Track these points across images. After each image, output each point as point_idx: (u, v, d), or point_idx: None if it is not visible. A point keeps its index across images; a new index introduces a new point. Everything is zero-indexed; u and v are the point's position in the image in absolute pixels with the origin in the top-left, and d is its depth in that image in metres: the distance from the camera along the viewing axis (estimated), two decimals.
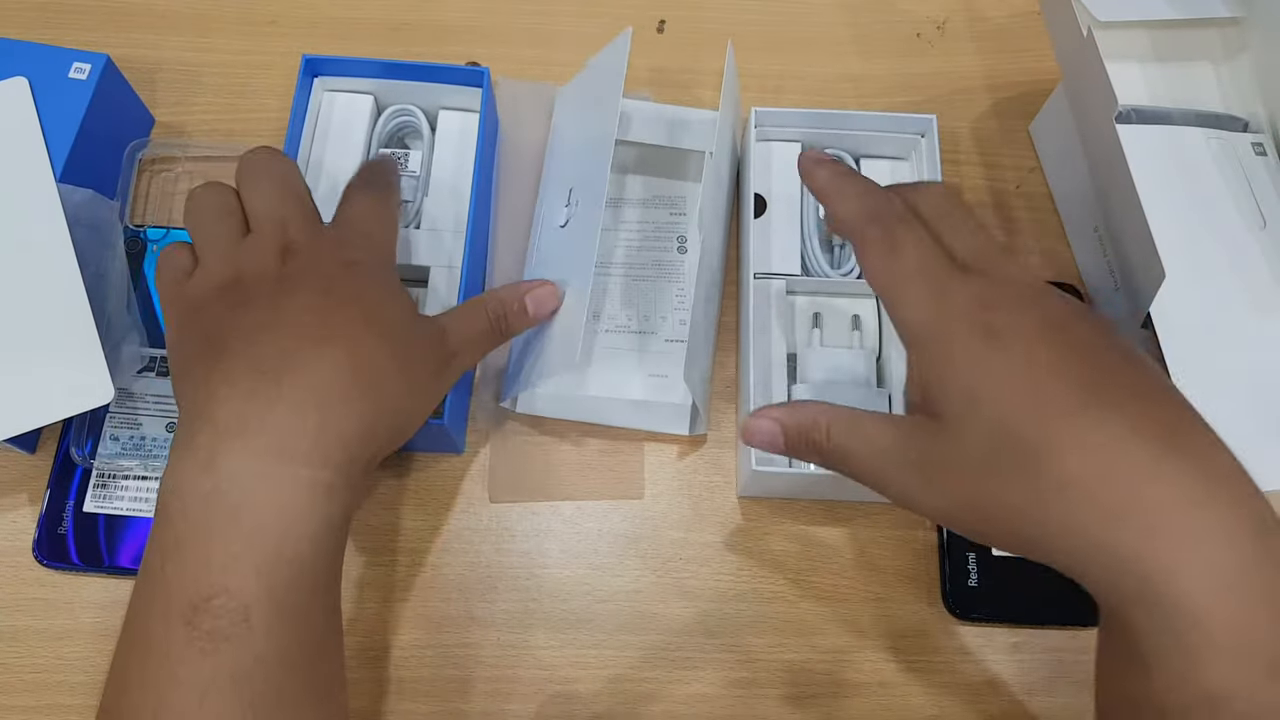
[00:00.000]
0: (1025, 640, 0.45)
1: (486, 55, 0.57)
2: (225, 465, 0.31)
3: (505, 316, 0.41)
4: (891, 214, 0.35)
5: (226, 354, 0.33)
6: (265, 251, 0.36)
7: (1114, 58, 0.45)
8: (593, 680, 0.44)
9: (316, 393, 0.33)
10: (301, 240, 0.37)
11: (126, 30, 0.57)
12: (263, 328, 0.34)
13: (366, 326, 0.35)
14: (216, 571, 0.30)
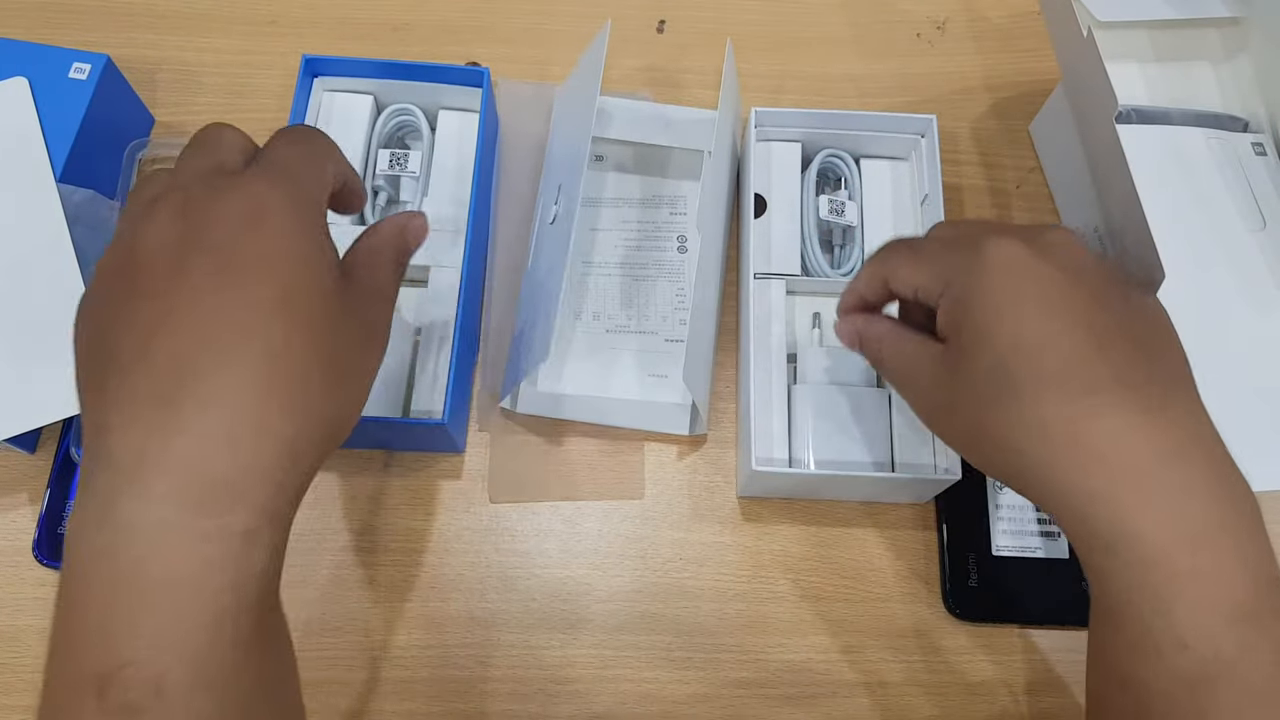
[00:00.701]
0: (1025, 640, 0.45)
1: (486, 55, 0.57)
2: (122, 515, 0.26)
3: (395, 253, 0.35)
4: (903, 238, 0.40)
5: (115, 366, 0.27)
6: (165, 216, 0.29)
7: (1114, 58, 0.45)
8: (593, 680, 0.44)
9: (225, 419, 0.27)
10: (199, 195, 0.29)
11: (126, 30, 0.57)
12: (156, 327, 0.27)
13: (281, 309, 0.28)
14: (121, 640, 0.26)
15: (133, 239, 0.29)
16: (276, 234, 0.29)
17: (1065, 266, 0.33)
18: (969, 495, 0.47)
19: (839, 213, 0.49)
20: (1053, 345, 0.31)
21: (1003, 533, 0.47)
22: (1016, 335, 0.32)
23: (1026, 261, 0.33)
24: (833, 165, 0.51)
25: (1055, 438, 0.31)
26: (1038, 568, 0.46)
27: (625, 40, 0.57)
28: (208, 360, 0.27)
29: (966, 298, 0.34)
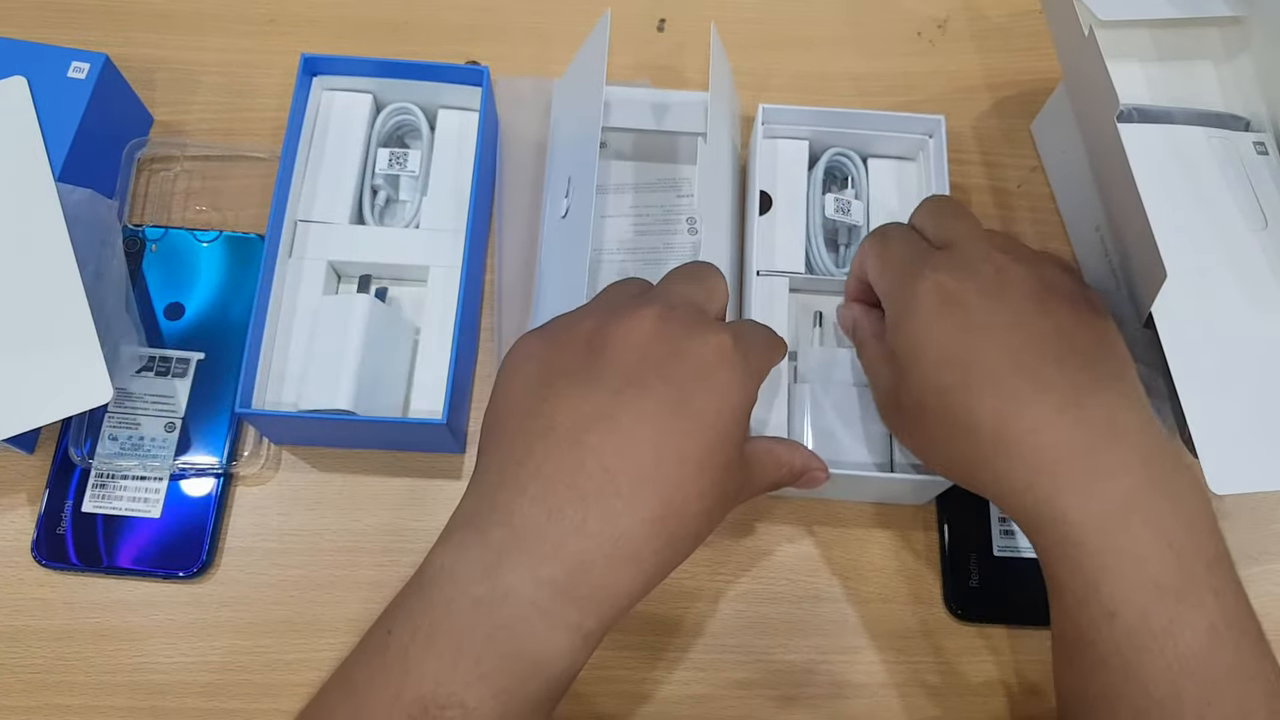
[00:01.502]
0: (1026, 641, 0.45)
1: (486, 54, 0.57)
2: (508, 579, 0.29)
3: (783, 481, 0.38)
4: (886, 226, 0.42)
5: (550, 436, 0.31)
6: (648, 319, 0.33)
7: (1115, 57, 0.45)
8: (592, 681, 0.44)
9: (617, 543, 0.30)
10: (681, 320, 0.33)
11: (125, 29, 0.57)
12: (596, 422, 0.31)
13: (700, 466, 0.32)
14: (460, 681, 0.28)
15: (610, 319, 0.33)
16: (724, 390, 0.33)
17: (987, 291, 0.36)
18: (970, 496, 0.47)
19: (845, 212, 0.49)
20: (975, 360, 0.35)
21: (1004, 533, 0.46)
22: (943, 352, 0.36)
23: (951, 291, 0.36)
24: (840, 164, 0.51)
25: (984, 439, 0.35)
26: (1039, 568, 0.46)
27: (625, 39, 0.57)
28: (623, 480, 0.30)
29: (899, 322, 0.38)
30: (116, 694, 0.43)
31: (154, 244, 0.50)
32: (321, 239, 0.48)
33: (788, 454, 0.37)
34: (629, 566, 0.30)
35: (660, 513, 0.31)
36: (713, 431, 0.32)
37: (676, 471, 0.31)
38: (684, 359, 0.32)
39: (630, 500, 0.30)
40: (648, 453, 0.31)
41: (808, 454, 0.38)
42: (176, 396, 0.47)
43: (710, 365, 0.32)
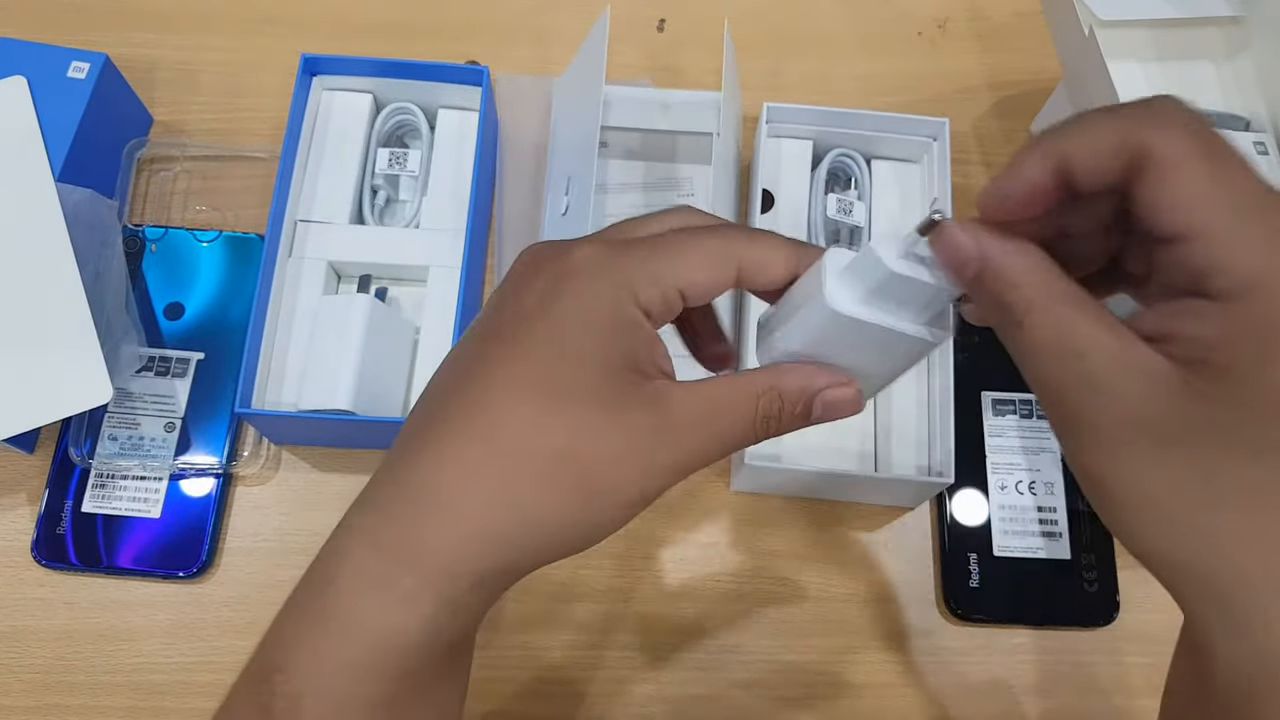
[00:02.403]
0: (1026, 641, 0.45)
1: (485, 54, 0.56)
2: (341, 538, 0.27)
3: (779, 415, 0.28)
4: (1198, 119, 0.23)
5: (424, 395, 0.28)
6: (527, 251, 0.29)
7: (1115, 56, 0.45)
8: (592, 681, 0.44)
9: (421, 489, 0.26)
10: (556, 244, 0.28)
11: (125, 30, 0.56)
12: (447, 364, 0.28)
13: (541, 393, 0.26)
14: (288, 647, 0.26)
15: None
16: (572, 302, 0.26)
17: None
18: (970, 495, 0.47)
19: (847, 212, 0.49)
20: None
21: (1004, 533, 0.46)
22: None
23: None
24: (843, 165, 0.51)
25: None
26: (1039, 568, 0.46)
27: (626, 38, 0.57)
28: (447, 414, 0.27)
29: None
30: (116, 694, 0.43)
31: (154, 244, 0.50)
32: (321, 239, 0.48)
33: (746, 387, 0.27)
34: (436, 515, 0.26)
35: (478, 451, 0.26)
36: (549, 349, 0.26)
37: (503, 398, 0.26)
38: (537, 279, 0.27)
39: (438, 438, 0.26)
40: (475, 386, 0.26)
41: (805, 373, 0.27)
42: (176, 396, 0.47)
43: (558, 279, 0.27)
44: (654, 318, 0.27)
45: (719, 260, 0.27)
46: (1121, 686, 0.45)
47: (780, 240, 0.28)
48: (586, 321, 0.26)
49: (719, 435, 0.28)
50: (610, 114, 0.51)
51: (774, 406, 0.28)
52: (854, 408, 0.28)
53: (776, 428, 0.28)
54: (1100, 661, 0.45)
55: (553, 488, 0.26)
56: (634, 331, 0.26)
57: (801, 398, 0.28)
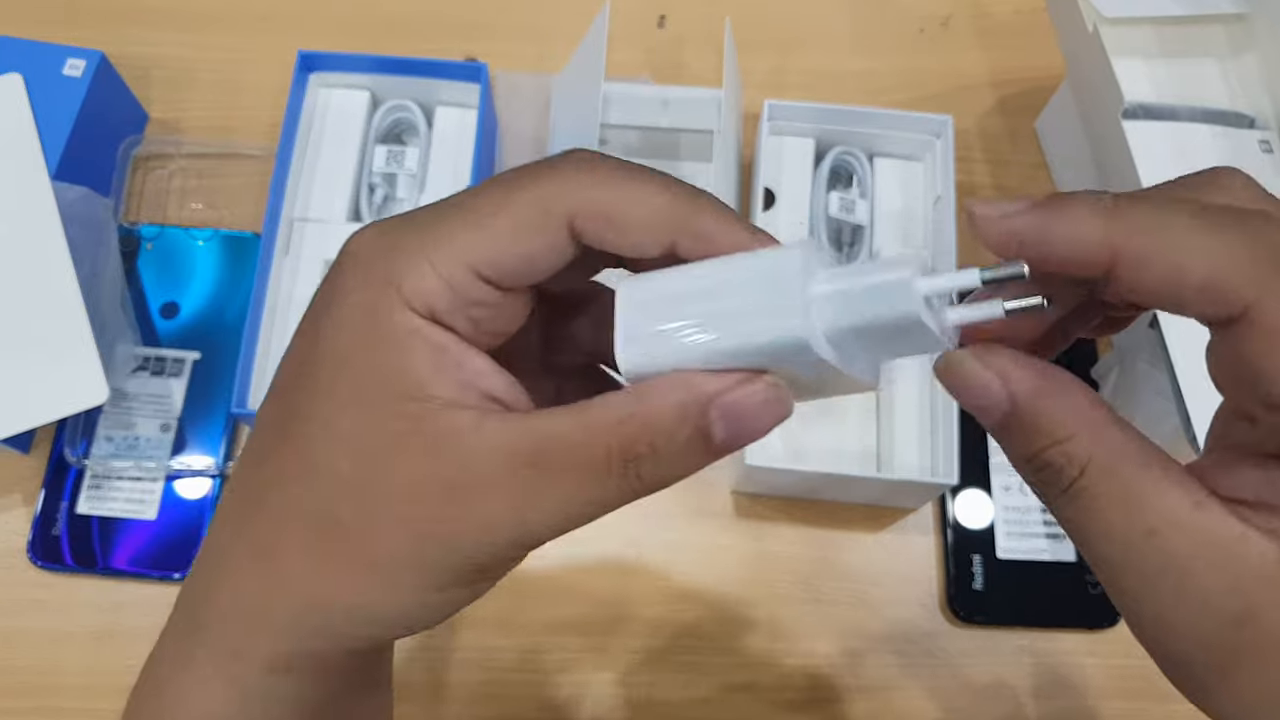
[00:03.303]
0: (1030, 644, 0.45)
1: (484, 50, 0.56)
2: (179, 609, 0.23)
3: (655, 453, 0.19)
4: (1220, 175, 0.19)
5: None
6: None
7: (1120, 54, 0.45)
8: (591, 684, 0.44)
9: (205, 546, 0.22)
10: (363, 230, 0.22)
11: (121, 27, 0.56)
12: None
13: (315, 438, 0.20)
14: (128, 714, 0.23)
15: None
16: (333, 302, 0.20)
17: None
18: (973, 497, 0.47)
19: (849, 211, 0.49)
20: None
21: (1008, 535, 0.46)
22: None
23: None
24: (845, 163, 0.51)
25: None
26: (1043, 570, 0.46)
27: (626, 35, 0.57)
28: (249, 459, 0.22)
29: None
30: (111, 696, 0.43)
31: (149, 242, 0.50)
32: (318, 237, 0.48)
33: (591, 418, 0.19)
34: (217, 588, 0.21)
35: (254, 521, 0.21)
36: (306, 392, 0.20)
37: (254, 431, 0.21)
38: (322, 285, 0.21)
39: (230, 506, 0.22)
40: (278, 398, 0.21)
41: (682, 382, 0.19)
42: (172, 396, 0.47)
43: (330, 283, 0.20)
44: (441, 316, 0.19)
45: (537, 217, 0.19)
46: (1125, 689, 0.44)
47: (650, 185, 0.19)
48: (346, 343, 0.19)
49: (548, 496, 0.19)
50: (610, 111, 0.50)
51: (640, 442, 0.18)
52: (771, 408, 0.19)
53: (654, 472, 0.19)
54: (1104, 664, 0.45)
55: (320, 560, 0.20)
56: (402, 344, 0.19)
57: (684, 418, 0.18)
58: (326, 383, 0.19)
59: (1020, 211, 0.18)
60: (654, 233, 0.19)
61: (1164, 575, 0.18)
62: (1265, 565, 0.17)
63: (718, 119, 0.50)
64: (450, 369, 0.19)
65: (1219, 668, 0.18)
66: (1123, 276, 0.18)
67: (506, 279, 0.19)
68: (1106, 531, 0.18)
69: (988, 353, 0.19)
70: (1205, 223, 0.17)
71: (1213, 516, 0.18)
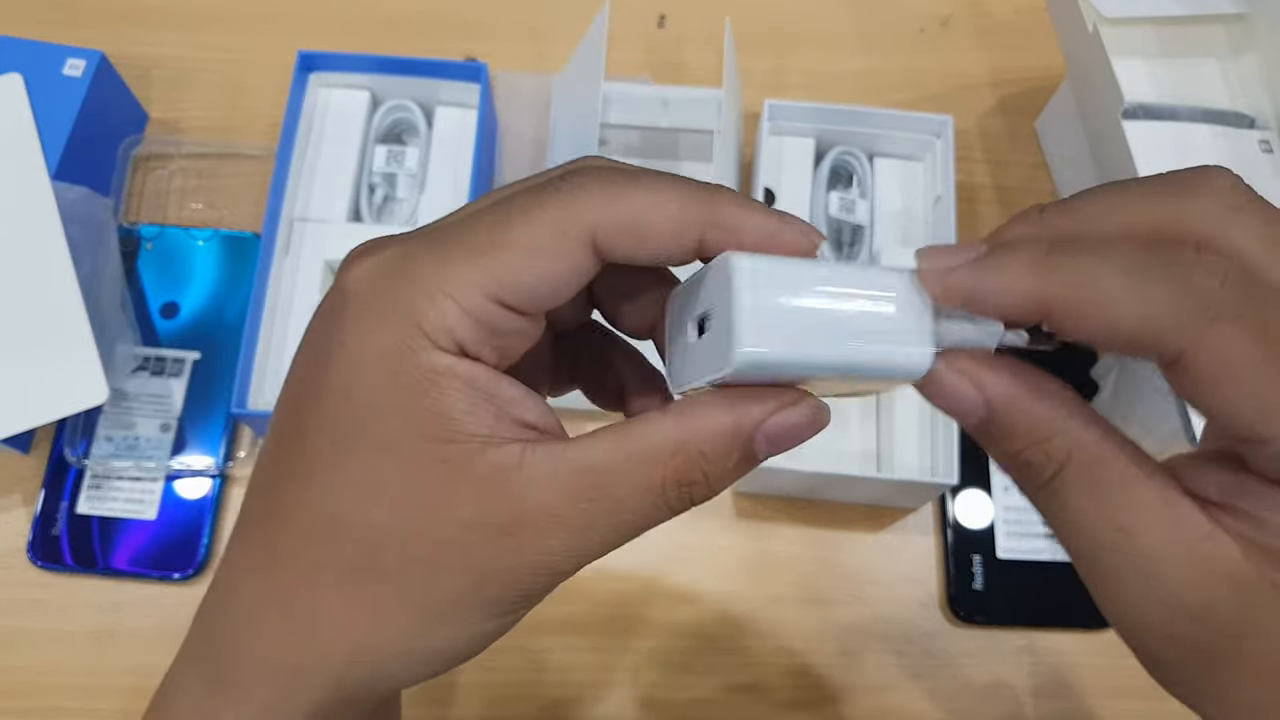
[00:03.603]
0: (1031, 643, 0.45)
1: (484, 50, 0.56)
2: (180, 658, 0.23)
3: (706, 478, 0.20)
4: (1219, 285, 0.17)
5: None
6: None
7: (1120, 54, 0.45)
8: (593, 685, 0.44)
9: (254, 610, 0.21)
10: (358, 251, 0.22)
11: (121, 27, 0.56)
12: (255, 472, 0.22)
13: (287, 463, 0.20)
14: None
15: None
16: (329, 343, 0.19)
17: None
18: (973, 497, 0.47)
19: (849, 211, 0.49)
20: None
21: (1008, 535, 0.46)
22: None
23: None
24: (846, 163, 0.51)
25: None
26: (1043, 571, 0.46)
27: (626, 35, 0.57)
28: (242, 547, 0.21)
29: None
30: (112, 696, 0.43)
31: (149, 242, 0.50)
32: (318, 237, 0.48)
33: (644, 448, 0.19)
34: (242, 644, 0.21)
35: (274, 570, 0.20)
36: (325, 441, 0.19)
37: (258, 478, 0.21)
38: (317, 323, 0.20)
39: (237, 555, 0.21)
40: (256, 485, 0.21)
41: (732, 407, 0.19)
42: (172, 396, 0.47)
43: (331, 320, 0.19)
44: (469, 348, 0.19)
45: (556, 239, 0.18)
46: (1125, 689, 0.44)
47: (666, 189, 0.19)
48: (368, 388, 0.19)
49: (603, 525, 0.19)
50: (610, 111, 0.50)
51: (693, 469, 0.19)
52: (813, 427, 0.20)
53: (705, 492, 0.20)
54: (1104, 664, 0.45)
55: (366, 611, 0.19)
56: (434, 385, 0.18)
57: (734, 445, 0.19)
58: (348, 431, 0.19)
59: (960, 266, 0.19)
60: (679, 237, 0.19)
61: (1135, 571, 0.18)
62: (1229, 564, 0.18)
63: (718, 119, 0.50)
64: (484, 403, 0.19)
65: (1188, 663, 0.19)
66: (1058, 326, 0.18)
67: (530, 304, 0.19)
68: (1082, 526, 0.19)
69: (961, 360, 0.19)
70: (1135, 277, 0.17)
71: (1182, 514, 0.18)
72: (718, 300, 0.18)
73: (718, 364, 0.18)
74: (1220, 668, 0.19)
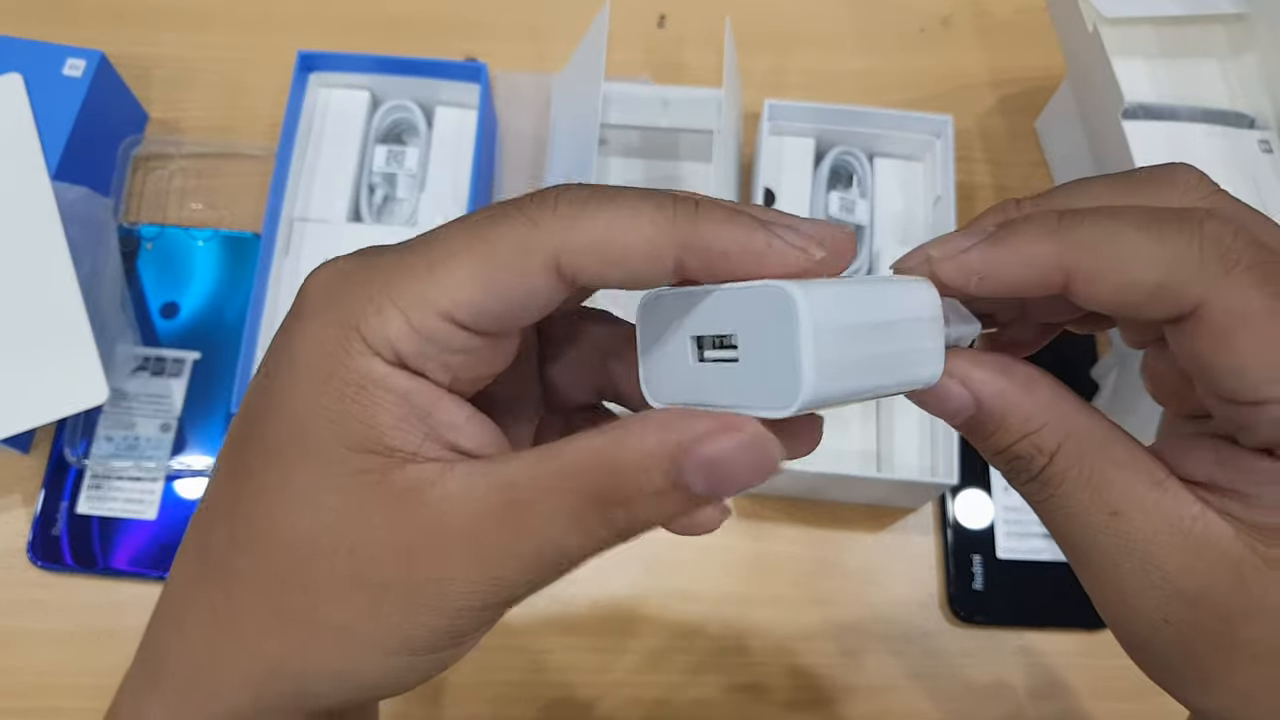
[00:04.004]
0: (1031, 644, 0.45)
1: (484, 50, 0.56)
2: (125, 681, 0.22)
3: (626, 501, 0.18)
4: (1232, 235, 0.18)
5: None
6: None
7: (1120, 54, 0.45)
8: (594, 685, 0.44)
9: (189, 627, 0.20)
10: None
11: (121, 27, 0.56)
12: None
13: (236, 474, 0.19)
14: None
15: None
16: (286, 349, 0.19)
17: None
18: (973, 497, 0.47)
19: (849, 211, 0.49)
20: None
21: (1008, 535, 0.46)
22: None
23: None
24: (846, 163, 0.51)
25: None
26: (1043, 571, 0.46)
27: (626, 35, 0.57)
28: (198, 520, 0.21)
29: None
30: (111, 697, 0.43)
31: (149, 242, 0.50)
32: (318, 237, 0.48)
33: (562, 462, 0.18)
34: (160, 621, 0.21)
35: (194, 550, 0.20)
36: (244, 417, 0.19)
37: (209, 484, 0.20)
38: (279, 334, 0.20)
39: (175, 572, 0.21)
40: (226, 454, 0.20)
41: (663, 422, 0.17)
42: (172, 396, 0.47)
43: (288, 329, 0.19)
44: (409, 361, 0.18)
45: (514, 257, 0.17)
46: (1125, 690, 0.44)
47: (640, 205, 0.17)
48: (301, 392, 0.18)
49: (523, 550, 0.18)
50: (610, 111, 0.50)
51: (614, 491, 0.17)
52: (761, 466, 0.17)
53: (627, 520, 0.18)
54: (1104, 665, 0.45)
55: (282, 625, 0.19)
56: (361, 392, 0.17)
57: (655, 465, 0.17)
58: (282, 436, 0.18)
59: (972, 245, 0.19)
60: (652, 260, 0.17)
61: (1127, 555, 0.18)
62: (1222, 545, 0.18)
63: (718, 119, 0.50)
64: (415, 420, 0.18)
65: (1179, 649, 0.19)
66: (1079, 291, 0.18)
67: (484, 323, 0.18)
68: (1074, 513, 0.19)
69: (952, 358, 0.19)
70: (1151, 231, 0.17)
71: (1172, 497, 0.18)
72: (751, 327, 0.17)
73: (764, 400, 0.17)
74: (1213, 652, 0.19)
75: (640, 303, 0.19)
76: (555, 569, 0.18)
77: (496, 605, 0.18)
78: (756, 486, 0.17)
